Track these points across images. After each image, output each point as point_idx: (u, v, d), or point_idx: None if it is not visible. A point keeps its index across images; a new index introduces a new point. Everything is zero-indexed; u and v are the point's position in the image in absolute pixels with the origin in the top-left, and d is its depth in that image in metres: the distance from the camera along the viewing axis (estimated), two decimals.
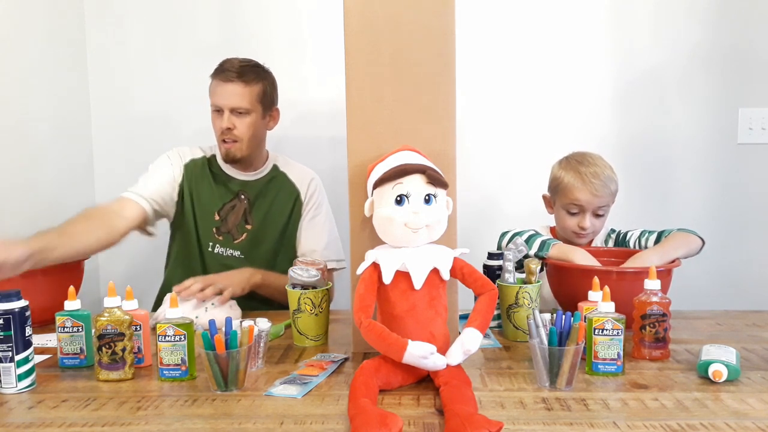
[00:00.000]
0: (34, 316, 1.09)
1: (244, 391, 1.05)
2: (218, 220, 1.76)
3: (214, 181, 1.78)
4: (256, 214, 1.78)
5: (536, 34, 2.21)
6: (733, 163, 2.23)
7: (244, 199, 1.77)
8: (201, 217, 1.75)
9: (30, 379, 1.07)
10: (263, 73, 1.74)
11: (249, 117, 1.70)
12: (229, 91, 1.67)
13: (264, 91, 1.73)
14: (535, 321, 1.07)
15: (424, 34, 1.20)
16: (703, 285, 2.10)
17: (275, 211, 1.79)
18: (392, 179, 1.09)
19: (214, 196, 1.77)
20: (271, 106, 1.78)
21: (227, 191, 1.78)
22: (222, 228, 1.76)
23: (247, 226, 1.77)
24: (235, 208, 1.77)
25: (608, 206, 1.65)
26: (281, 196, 1.81)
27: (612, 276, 1.33)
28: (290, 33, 2.22)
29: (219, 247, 1.75)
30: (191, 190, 1.76)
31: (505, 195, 2.27)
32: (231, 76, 1.67)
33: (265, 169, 1.82)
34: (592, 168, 1.61)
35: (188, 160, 1.78)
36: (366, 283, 1.09)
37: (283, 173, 1.83)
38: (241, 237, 1.76)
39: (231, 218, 1.76)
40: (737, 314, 1.53)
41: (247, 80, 1.68)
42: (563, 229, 1.68)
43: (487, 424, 0.85)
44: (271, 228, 1.79)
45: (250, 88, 1.69)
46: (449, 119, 1.21)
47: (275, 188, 1.81)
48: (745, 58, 2.19)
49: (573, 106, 2.23)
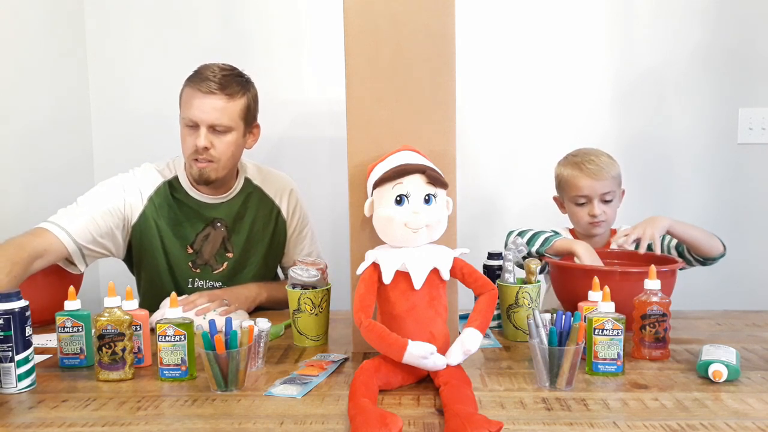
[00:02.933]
0: (34, 316, 1.09)
1: (244, 391, 1.05)
2: (192, 253, 1.59)
3: (180, 211, 1.58)
4: (236, 240, 1.62)
5: (536, 34, 2.21)
6: (733, 163, 2.23)
7: (221, 226, 1.60)
8: (173, 253, 1.58)
9: (30, 379, 1.07)
10: (247, 85, 1.54)
11: (229, 135, 1.50)
12: (208, 105, 1.46)
13: (248, 106, 1.53)
14: (535, 321, 1.07)
15: (424, 34, 1.20)
16: (703, 285, 2.09)
17: (256, 233, 1.64)
18: (392, 179, 1.09)
19: (184, 228, 1.58)
20: (253, 122, 1.59)
21: (198, 220, 1.59)
22: (198, 261, 1.60)
23: (227, 255, 1.62)
24: (209, 236, 1.60)
25: (615, 192, 1.67)
26: (260, 216, 1.65)
27: (614, 276, 1.33)
28: (290, 33, 2.22)
29: (199, 280, 1.60)
30: (157, 226, 1.56)
31: (506, 195, 2.27)
32: (212, 86, 1.46)
33: (237, 186, 1.63)
34: (588, 157, 1.66)
35: (152, 191, 1.56)
36: (366, 283, 1.09)
37: (258, 187, 1.66)
38: (221, 267, 1.62)
39: (207, 249, 1.60)
40: (737, 314, 1.53)
41: (230, 93, 1.48)
42: (578, 224, 1.71)
43: (487, 424, 0.85)
44: (254, 252, 1.65)
45: (233, 103, 1.49)
46: (449, 119, 1.21)
47: (252, 207, 1.64)
48: (745, 58, 2.19)
49: (573, 106, 2.23)
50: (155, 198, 1.57)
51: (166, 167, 1.62)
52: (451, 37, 1.21)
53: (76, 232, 1.45)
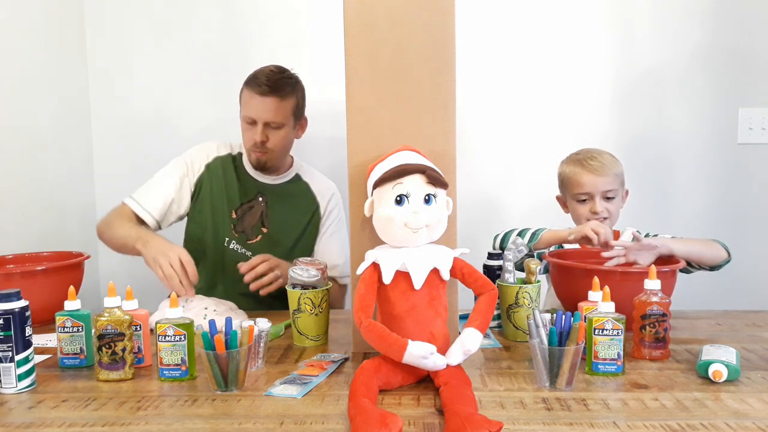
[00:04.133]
0: (34, 316, 1.09)
1: (244, 391, 1.05)
2: (235, 218, 1.77)
3: (236, 180, 1.79)
4: (273, 219, 1.79)
5: (536, 34, 2.21)
6: (733, 163, 2.23)
7: (262, 201, 1.79)
8: (219, 212, 1.77)
9: (30, 379, 1.07)
10: (296, 85, 1.74)
11: (282, 130, 1.71)
12: (264, 106, 1.67)
13: (297, 104, 1.74)
14: (535, 321, 1.07)
15: (424, 34, 1.20)
16: (703, 285, 2.09)
17: (293, 219, 1.81)
18: (392, 179, 1.09)
19: (234, 194, 1.78)
20: (301, 116, 1.79)
21: (247, 191, 1.79)
22: (238, 227, 1.78)
23: (263, 229, 1.78)
24: (253, 208, 1.78)
25: (617, 190, 1.67)
26: (300, 206, 1.82)
27: (614, 276, 1.33)
28: (290, 33, 2.22)
29: (235, 243, 1.77)
30: (211, 187, 1.77)
31: (506, 195, 2.27)
32: (266, 89, 1.66)
33: (288, 175, 1.84)
34: (590, 154, 1.67)
35: (212, 159, 1.80)
36: (366, 283, 1.09)
37: (305, 182, 1.85)
38: (256, 238, 1.78)
39: (248, 218, 1.78)
40: (737, 314, 1.53)
41: (282, 95, 1.68)
42: (579, 222, 1.70)
43: (487, 424, 0.85)
44: (286, 235, 1.79)
45: (285, 103, 1.69)
46: (449, 119, 1.21)
47: (295, 196, 1.83)
48: (745, 58, 2.19)
49: (573, 106, 2.23)
50: (218, 166, 1.80)
51: (238, 145, 1.83)
52: (451, 37, 1.21)
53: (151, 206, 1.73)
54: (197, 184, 1.78)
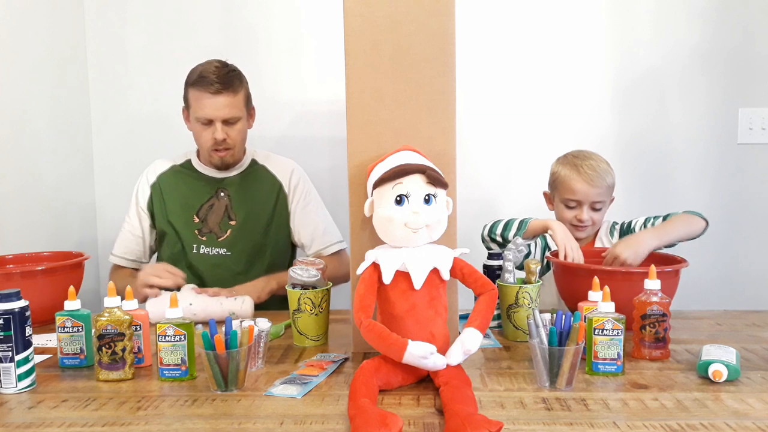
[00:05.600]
0: (34, 316, 1.09)
1: (244, 391, 1.05)
2: (198, 222, 1.77)
3: (186, 186, 1.79)
4: (239, 210, 1.78)
5: (536, 34, 2.21)
6: (733, 163, 2.23)
7: (224, 196, 1.78)
8: (179, 222, 1.76)
9: (30, 379, 1.07)
10: (240, 76, 1.73)
11: (239, 124, 1.72)
12: (219, 104, 1.66)
13: (247, 95, 1.74)
14: (535, 321, 1.07)
15: (424, 34, 1.20)
16: (703, 285, 2.09)
17: (258, 204, 1.80)
18: (392, 179, 1.09)
19: (191, 199, 1.78)
20: (251, 105, 1.80)
21: (203, 192, 1.78)
22: (203, 229, 1.77)
23: (230, 222, 1.77)
24: (214, 206, 1.77)
25: (605, 202, 1.67)
26: (263, 189, 1.81)
27: (615, 276, 1.33)
28: (290, 33, 2.22)
29: (204, 247, 1.76)
30: (163, 203, 1.78)
31: (505, 195, 2.27)
32: (218, 87, 1.64)
33: (243, 163, 1.83)
34: (588, 161, 1.65)
35: (156, 178, 1.81)
36: (366, 283, 1.09)
37: (263, 166, 1.84)
38: (225, 234, 1.77)
39: (211, 217, 1.77)
40: (737, 314, 1.53)
41: (234, 89, 1.67)
42: (562, 222, 1.69)
43: (487, 424, 0.85)
44: (256, 222, 1.79)
45: (238, 97, 1.69)
46: (449, 119, 1.21)
47: (256, 181, 1.82)
48: (745, 58, 2.19)
49: (573, 106, 2.23)
50: (162, 181, 1.80)
51: (172, 157, 1.84)
52: (451, 37, 1.21)
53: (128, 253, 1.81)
54: (149, 208, 1.80)
